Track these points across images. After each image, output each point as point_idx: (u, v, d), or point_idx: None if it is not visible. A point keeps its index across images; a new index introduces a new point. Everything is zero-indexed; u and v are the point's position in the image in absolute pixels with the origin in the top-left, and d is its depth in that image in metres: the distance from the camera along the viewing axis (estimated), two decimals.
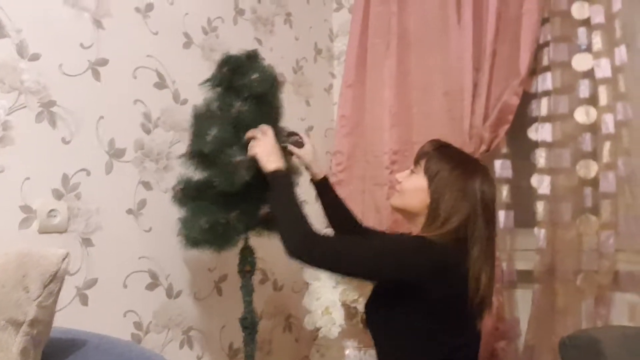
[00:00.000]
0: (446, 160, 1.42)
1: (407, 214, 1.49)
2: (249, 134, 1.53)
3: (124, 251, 1.63)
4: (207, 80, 1.64)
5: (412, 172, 1.48)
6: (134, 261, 1.66)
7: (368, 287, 1.58)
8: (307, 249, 1.36)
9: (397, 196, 1.52)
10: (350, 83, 2.30)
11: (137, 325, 1.65)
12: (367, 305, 1.50)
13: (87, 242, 1.54)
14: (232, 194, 1.53)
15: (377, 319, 1.45)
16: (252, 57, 1.65)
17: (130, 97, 1.70)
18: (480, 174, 1.41)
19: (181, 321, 1.77)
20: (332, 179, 2.28)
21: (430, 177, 1.40)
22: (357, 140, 2.28)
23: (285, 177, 1.48)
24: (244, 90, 1.58)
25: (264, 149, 1.49)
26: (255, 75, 1.59)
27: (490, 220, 1.39)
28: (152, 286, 1.70)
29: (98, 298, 1.55)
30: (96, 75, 1.60)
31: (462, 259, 1.34)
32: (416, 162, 1.48)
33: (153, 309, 1.70)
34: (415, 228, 1.46)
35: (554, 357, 1.68)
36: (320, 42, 2.51)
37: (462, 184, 1.37)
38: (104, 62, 1.62)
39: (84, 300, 1.52)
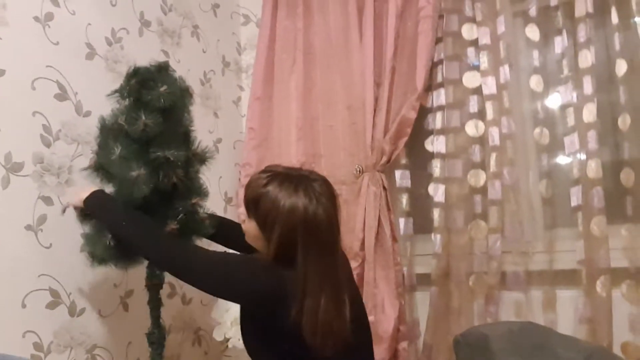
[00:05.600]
0: (264, 206, 1.39)
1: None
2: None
3: (22, 269, 1.57)
4: (115, 92, 1.62)
5: (245, 220, 1.48)
6: (33, 279, 1.60)
7: None
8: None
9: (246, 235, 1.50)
10: (258, 96, 2.34)
11: (37, 346, 1.58)
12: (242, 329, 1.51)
13: None
14: (136, 209, 1.52)
15: (247, 344, 1.49)
16: (162, 69, 1.63)
17: (29, 109, 1.64)
18: (302, 200, 1.37)
19: (84, 340, 1.72)
20: (240, 191, 2.30)
21: (259, 224, 1.41)
22: (265, 153, 2.32)
23: (102, 193, 1.56)
24: (152, 102, 1.55)
25: (72, 195, 1.60)
26: (163, 88, 1.57)
27: (323, 245, 1.37)
28: (53, 305, 1.64)
29: None
30: None
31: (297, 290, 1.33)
32: (246, 209, 1.47)
33: (54, 329, 1.64)
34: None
35: (450, 355, 1.78)
36: (228, 55, 2.53)
37: (284, 222, 1.35)
38: (0, 73, 1.56)
39: None
